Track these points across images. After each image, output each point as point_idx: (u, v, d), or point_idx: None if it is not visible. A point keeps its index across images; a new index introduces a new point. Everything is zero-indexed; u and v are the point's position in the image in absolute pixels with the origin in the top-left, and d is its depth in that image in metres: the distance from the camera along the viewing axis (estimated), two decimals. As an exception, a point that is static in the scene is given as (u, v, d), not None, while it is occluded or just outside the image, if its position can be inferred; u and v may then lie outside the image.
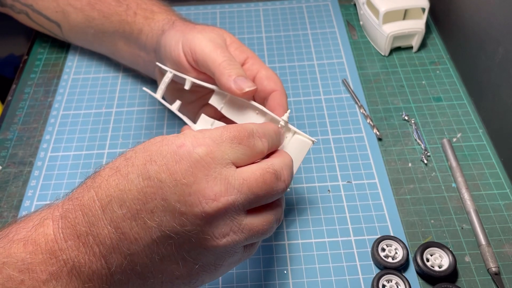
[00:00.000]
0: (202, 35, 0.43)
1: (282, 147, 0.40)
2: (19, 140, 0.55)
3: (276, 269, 0.44)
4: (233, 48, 0.45)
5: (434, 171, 0.50)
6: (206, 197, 0.31)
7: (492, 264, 0.43)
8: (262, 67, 0.45)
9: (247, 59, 0.45)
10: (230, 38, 0.45)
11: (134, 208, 0.30)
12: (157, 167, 0.31)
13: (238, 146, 0.33)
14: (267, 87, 0.43)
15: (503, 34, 0.50)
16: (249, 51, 0.46)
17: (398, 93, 0.58)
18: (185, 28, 0.45)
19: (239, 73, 0.41)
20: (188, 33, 0.44)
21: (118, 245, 0.30)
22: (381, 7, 0.59)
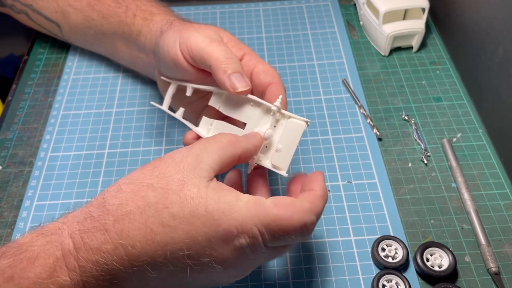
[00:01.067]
0: (198, 32, 0.43)
1: (279, 134, 0.40)
2: (19, 140, 0.55)
3: (276, 269, 0.44)
4: (230, 45, 0.44)
5: (434, 171, 0.50)
6: (238, 275, 0.35)
7: (492, 264, 0.43)
8: (259, 62, 0.44)
9: (244, 55, 0.45)
10: (227, 36, 0.45)
11: None
12: (200, 248, 0.31)
13: (278, 240, 0.33)
14: (264, 81, 0.43)
15: (503, 34, 0.50)
16: (246, 48, 0.45)
17: (398, 93, 0.58)
18: (182, 27, 0.45)
19: (235, 68, 0.40)
20: (185, 32, 0.44)
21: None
22: (381, 7, 0.59)
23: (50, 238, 0.32)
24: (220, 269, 0.32)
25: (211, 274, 0.33)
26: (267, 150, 0.41)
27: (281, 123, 0.41)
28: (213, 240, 0.31)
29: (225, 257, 0.32)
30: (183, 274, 0.32)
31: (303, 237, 0.34)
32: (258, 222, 0.31)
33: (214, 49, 0.41)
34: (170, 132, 0.55)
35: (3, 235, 0.47)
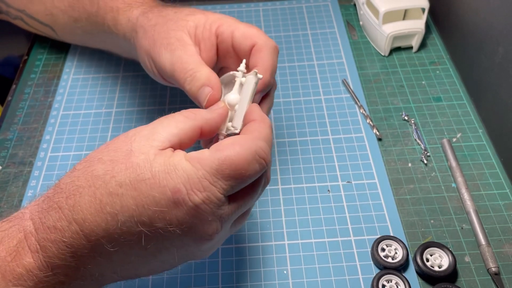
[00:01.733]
0: (166, 52, 0.41)
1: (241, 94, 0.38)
2: (19, 140, 0.55)
3: (276, 269, 0.44)
4: (204, 36, 0.42)
5: (434, 171, 0.50)
6: (202, 238, 0.32)
7: (492, 264, 0.43)
8: (235, 27, 0.42)
9: (218, 28, 0.42)
10: (199, 28, 0.42)
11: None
12: (151, 213, 0.30)
13: (236, 181, 0.31)
14: (244, 46, 0.41)
15: (502, 34, 0.50)
16: (219, 19, 0.42)
17: (398, 93, 0.58)
18: (149, 39, 0.43)
19: (194, 88, 0.39)
20: (152, 50, 0.42)
21: None
22: (381, 7, 0.59)
23: (14, 223, 0.32)
24: (179, 234, 0.31)
25: (173, 243, 0.32)
26: None
27: None
28: (162, 202, 0.30)
29: (181, 218, 0.30)
30: (142, 245, 0.31)
31: (262, 169, 0.32)
32: (205, 173, 0.30)
33: (175, 73, 0.41)
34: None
35: (3, 235, 0.47)
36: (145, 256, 0.32)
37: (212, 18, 0.42)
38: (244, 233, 0.46)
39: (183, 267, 0.44)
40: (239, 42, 0.41)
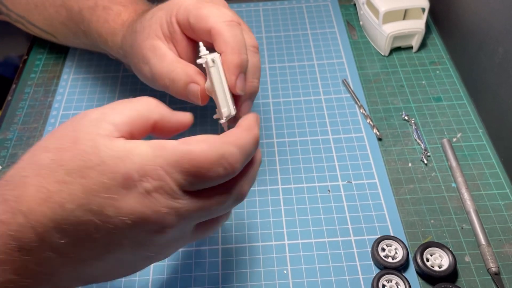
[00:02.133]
0: (144, 66, 0.42)
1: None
2: (19, 140, 0.55)
3: (276, 269, 0.44)
4: (171, 31, 0.41)
5: (434, 171, 0.50)
6: (155, 231, 0.30)
7: (492, 264, 0.43)
8: (188, 12, 0.39)
9: (177, 17, 0.40)
10: (163, 26, 0.41)
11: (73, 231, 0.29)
12: (101, 200, 0.29)
13: (194, 178, 0.30)
14: (204, 32, 0.38)
15: (502, 34, 0.50)
16: (174, 7, 0.40)
17: (398, 93, 0.58)
18: (132, 60, 0.44)
19: (181, 89, 0.39)
20: (138, 70, 0.44)
21: None
22: (381, 7, 0.59)
23: None
24: (130, 225, 0.29)
25: (126, 235, 0.30)
26: None
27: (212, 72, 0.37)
28: (112, 188, 0.28)
29: (132, 207, 0.29)
30: (93, 237, 0.29)
31: (226, 174, 0.30)
32: (163, 162, 0.29)
33: (157, 83, 0.41)
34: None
35: (2, 235, 0.47)
36: (99, 251, 0.30)
37: (169, 8, 0.41)
38: (244, 233, 0.46)
39: (183, 267, 0.44)
40: (197, 28, 0.39)
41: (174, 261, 0.45)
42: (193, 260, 0.45)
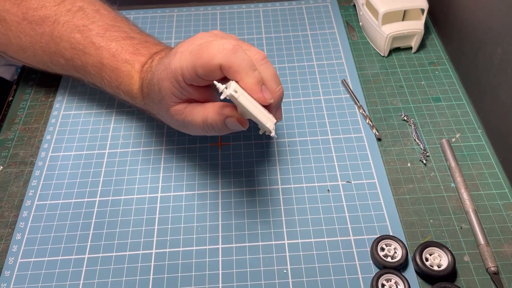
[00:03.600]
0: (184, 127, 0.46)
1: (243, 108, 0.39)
2: (20, 140, 0.55)
3: (276, 268, 0.44)
4: (183, 95, 0.43)
5: (433, 171, 0.51)
6: None
7: (491, 263, 0.43)
8: (180, 66, 0.41)
9: (184, 77, 0.42)
10: (175, 94, 0.43)
11: None
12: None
13: None
14: (213, 72, 0.40)
15: (501, 35, 0.50)
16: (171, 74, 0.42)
17: (397, 94, 0.58)
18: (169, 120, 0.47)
19: (221, 126, 0.43)
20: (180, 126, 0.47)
21: None
22: (381, 8, 0.60)
23: None
24: None
25: None
26: None
27: (237, 97, 0.39)
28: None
29: None
30: None
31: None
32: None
33: (206, 127, 0.44)
34: (170, 133, 0.55)
35: (3, 235, 0.47)
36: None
37: (172, 76, 0.42)
38: (244, 232, 0.47)
39: (183, 267, 0.44)
40: (208, 74, 0.40)
41: (174, 261, 0.45)
42: (193, 260, 0.45)
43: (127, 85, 0.48)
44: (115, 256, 0.45)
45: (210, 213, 0.48)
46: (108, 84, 0.50)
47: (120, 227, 0.47)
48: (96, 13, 0.51)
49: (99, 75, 0.50)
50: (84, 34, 0.50)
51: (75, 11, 0.51)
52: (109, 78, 0.49)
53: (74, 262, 0.45)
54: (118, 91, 0.50)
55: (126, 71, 0.48)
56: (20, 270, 0.45)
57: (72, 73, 0.53)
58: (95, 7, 0.52)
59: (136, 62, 0.48)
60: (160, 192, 0.50)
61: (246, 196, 0.49)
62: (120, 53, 0.49)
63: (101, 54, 0.49)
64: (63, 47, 0.51)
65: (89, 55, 0.49)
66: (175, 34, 0.67)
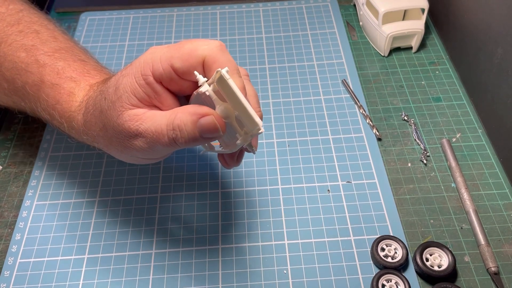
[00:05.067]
0: (133, 141, 0.37)
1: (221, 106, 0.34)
2: (19, 140, 0.55)
3: (276, 268, 0.44)
4: (149, 94, 0.36)
5: (433, 171, 0.51)
6: None
7: (492, 264, 0.43)
8: (169, 58, 0.35)
9: (154, 74, 0.36)
10: (137, 91, 0.36)
11: None
12: None
13: None
14: (196, 68, 0.35)
15: (502, 35, 0.50)
16: (145, 66, 0.36)
17: (398, 93, 0.58)
18: (113, 150, 0.39)
19: (192, 132, 0.35)
20: (122, 152, 0.39)
21: None
22: (381, 8, 0.60)
23: None
24: None
25: None
26: None
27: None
28: None
29: None
30: None
31: None
32: None
33: (157, 143, 0.36)
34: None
35: (3, 235, 0.47)
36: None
37: (137, 71, 0.36)
38: (244, 232, 0.46)
39: (183, 267, 0.44)
40: (185, 71, 0.35)
41: (174, 261, 0.45)
42: (193, 260, 0.45)
43: (66, 102, 0.42)
44: (115, 256, 0.45)
45: (210, 213, 0.48)
46: (43, 104, 0.43)
47: (120, 227, 0.47)
48: (51, 37, 0.46)
49: (37, 95, 0.43)
50: (30, 53, 0.44)
51: (28, 33, 0.45)
52: (46, 97, 0.42)
53: (74, 262, 0.45)
54: (54, 112, 0.42)
55: (67, 88, 0.42)
56: (20, 270, 0.45)
57: (14, 99, 0.46)
58: (52, 33, 0.46)
59: (83, 81, 0.42)
60: (160, 192, 0.50)
61: (246, 196, 0.49)
62: (65, 71, 0.43)
63: (43, 72, 0.43)
64: (6, 67, 0.44)
65: (31, 73, 0.43)
66: (175, 34, 0.67)
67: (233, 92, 0.32)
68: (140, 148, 0.37)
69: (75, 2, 0.73)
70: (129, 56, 0.64)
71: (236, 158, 0.40)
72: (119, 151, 0.39)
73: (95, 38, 0.66)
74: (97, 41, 0.66)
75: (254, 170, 0.51)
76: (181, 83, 0.36)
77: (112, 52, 0.64)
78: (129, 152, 0.38)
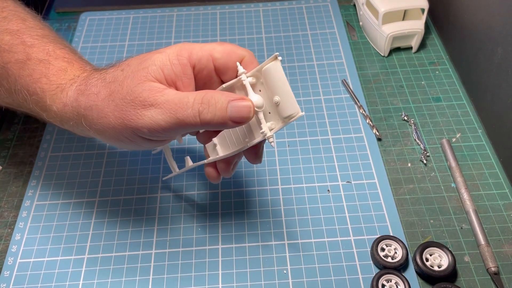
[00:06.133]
0: (145, 111, 0.36)
1: (266, 92, 0.37)
2: (19, 140, 0.55)
3: (276, 268, 0.44)
4: (177, 73, 0.37)
5: (433, 171, 0.51)
6: None
7: (492, 264, 0.43)
8: (210, 50, 0.37)
9: (190, 57, 0.37)
10: (166, 67, 0.37)
11: None
12: None
13: None
14: (232, 64, 0.38)
15: (502, 35, 0.50)
16: (182, 49, 0.37)
17: (398, 94, 0.58)
18: (113, 113, 0.37)
19: (223, 111, 0.35)
20: (125, 121, 0.36)
21: None
22: (381, 8, 0.60)
23: None
24: None
25: None
26: (274, 114, 0.37)
27: (261, 82, 0.37)
28: None
29: None
30: None
31: None
32: None
33: (178, 115, 0.35)
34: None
35: (3, 235, 0.47)
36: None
37: (172, 51, 0.37)
38: (244, 232, 0.46)
39: (183, 267, 0.44)
40: (224, 62, 0.38)
41: (174, 261, 0.45)
42: (193, 260, 0.45)
43: (54, 75, 0.40)
44: (115, 256, 0.45)
45: (210, 213, 0.48)
46: (24, 81, 0.40)
47: (120, 227, 0.47)
48: (37, 26, 0.44)
49: (18, 73, 0.40)
50: (15, 36, 0.42)
51: (13, 19, 0.43)
52: (31, 72, 0.40)
53: (74, 262, 0.45)
54: (36, 86, 0.40)
55: (58, 66, 0.40)
56: (20, 270, 0.45)
57: None
58: (38, 22, 0.45)
59: (76, 63, 0.41)
60: (160, 192, 0.50)
61: (246, 196, 0.49)
62: (56, 52, 0.41)
63: (30, 51, 0.41)
64: None
65: (14, 53, 0.41)
66: (175, 34, 0.67)
67: (283, 76, 0.35)
68: (148, 120, 0.35)
69: (75, 2, 0.73)
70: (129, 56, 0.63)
71: (233, 166, 0.42)
72: (115, 123, 0.37)
73: (95, 38, 0.66)
74: (97, 41, 0.66)
75: (254, 170, 0.51)
76: (206, 77, 0.38)
77: (112, 52, 0.64)
78: (128, 124, 0.36)
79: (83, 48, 0.65)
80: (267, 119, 0.37)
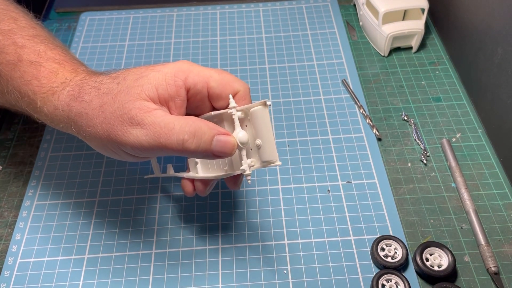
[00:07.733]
0: (132, 128, 0.36)
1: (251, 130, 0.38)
2: (19, 140, 0.55)
3: (276, 268, 0.44)
4: (171, 93, 0.37)
5: (433, 171, 0.51)
6: None
7: (492, 263, 0.43)
8: (208, 77, 0.39)
9: (186, 80, 0.38)
10: (161, 87, 0.37)
11: None
12: None
13: None
14: (225, 95, 0.39)
15: (502, 35, 0.50)
16: (179, 70, 0.38)
17: (398, 93, 0.58)
18: (100, 125, 0.37)
19: (208, 143, 0.36)
20: (112, 134, 0.37)
21: None
22: (381, 8, 0.60)
23: None
24: None
25: None
26: (255, 152, 0.38)
27: (248, 119, 0.38)
28: None
29: None
30: None
31: None
32: None
33: (161, 140, 0.36)
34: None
35: (3, 235, 0.47)
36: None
37: (169, 71, 0.38)
38: (244, 232, 0.46)
39: (183, 267, 0.44)
40: (218, 92, 0.39)
41: (174, 261, 0.45)
42: (193, 260, 0.45)
43: (45, 78, 0.40)
44: (115, 256, 0.45)
45: (210, 213, 0.48)
46: (16, 82, 0.40)
47: (120, 227, 0.47)
48: (29, 25, 0.44)
49: (10, 74, 0.41)
50: (7, 36, 0.42)
51: (4, 19, 0.43)
52: (22, 74, 0.40)
53: (74, 262, 0.45)
54: (27, 89, 0.40)
55: (49, 68, 0.40)
56: (20, 270, 0.45)
57: None
58: (30, 22, 0.45)
59: (67, 65, 0.41)
60: (160, 192, 0.50)
61: (246, 196, 0.49)
62: (47, 53, 0.41)
63: (21, 52, 0.41)
64: None
65: (6, 54, 0.41)
66: (175, 34, 0.67)
67: (268, 123, 0.36)
68: (132, 138, 0.36)
69: (75, 2, 0.73)
70: (129, 56, 0.64)
71: (209, 188, 0.43)
72: (101, 134, 0.37)
73: (95, 38, 0.66)
74: (97, 41, 0.66)
75: (254, 170, 0.51)
76: (199, 101, 0.39)
77: (112, 52, 0.64)
78: (114, 138, 0.37)
79: (83, 48, 0.65)
80: (249, 155, 0.39)
